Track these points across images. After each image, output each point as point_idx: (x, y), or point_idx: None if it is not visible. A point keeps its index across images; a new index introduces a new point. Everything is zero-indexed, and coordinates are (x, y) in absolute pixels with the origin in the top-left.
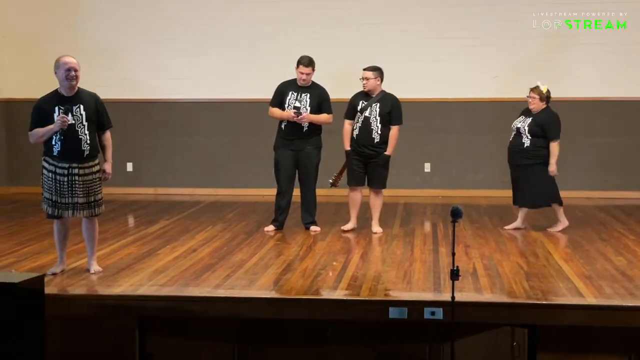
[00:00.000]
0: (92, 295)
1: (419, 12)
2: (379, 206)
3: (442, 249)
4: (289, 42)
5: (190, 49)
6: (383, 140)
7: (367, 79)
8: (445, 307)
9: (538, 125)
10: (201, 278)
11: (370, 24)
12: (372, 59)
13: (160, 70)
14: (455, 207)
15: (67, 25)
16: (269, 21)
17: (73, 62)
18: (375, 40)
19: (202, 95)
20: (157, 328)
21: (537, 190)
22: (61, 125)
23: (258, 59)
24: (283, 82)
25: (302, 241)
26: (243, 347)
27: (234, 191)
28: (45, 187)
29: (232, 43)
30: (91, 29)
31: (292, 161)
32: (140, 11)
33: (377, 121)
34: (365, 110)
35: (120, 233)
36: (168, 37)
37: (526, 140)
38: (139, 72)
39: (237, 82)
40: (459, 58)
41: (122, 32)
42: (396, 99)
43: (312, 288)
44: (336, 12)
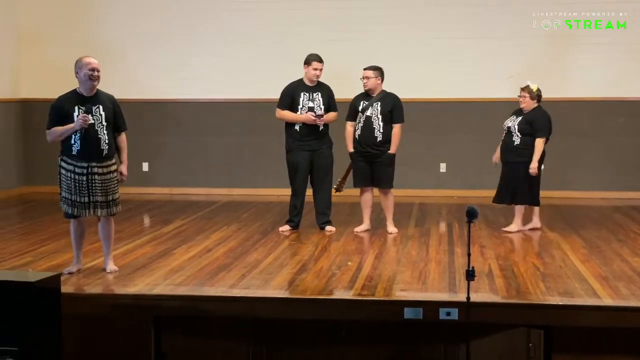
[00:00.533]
0: (108, 295)
1: (433, 12)
2: (391, 206)
3: (457, 250)
4: (303, 42)
5: (206, 49)
6: (386, 139)
7: (368, 77)
8: (460, 308)
9: (527, 123)
10: (216, 278)
11: (383, 24)
12: (385, 60)
13: (176, 71)
14: (470, 208)
15: (83, 25)
16: (283, 21)
17: (95, 63)
18: (388, 41)
19: (218, 95)
20: (172, 327)
21: (526, 187)
22: (82, 125)
23: (272, 59)
24: (290, 83)
25: (317, 241)
26: (258, 346)
27: (249, 191)
28: (63, 187)
29: (247, 43)
30: (106, 29)
31: (307, 162)
32: (154, 11)
33: (379, 120)
34: (367, 110)
35: (136, 233)
36: (184, 37)
37: (516, 139)
38: (155, 72)
39: (252, 81)
40: (474, 58)
41: (137, 32)
42: (397, 97)
43: (327, 288)
44: (350, 12)
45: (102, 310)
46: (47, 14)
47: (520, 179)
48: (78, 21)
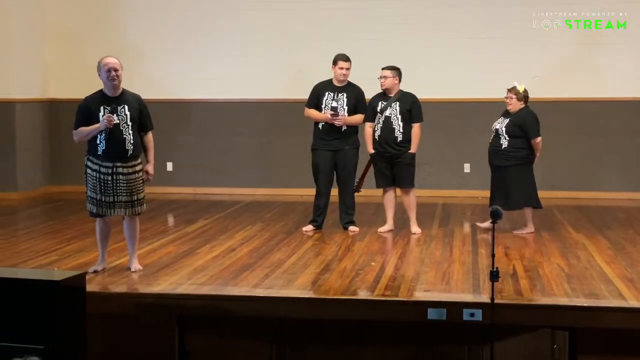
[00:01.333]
0: (132, 294)
1: (454, 13)
2: (413, 205)
3: (481, 250)
4: (327, 43)
5: (231, 49)
6: (406, 138)
7: (385, 77)
8: (484, 309)
9: (516, 125)
10: (240, 277)
11: (406, 25)
12: (408, 60)
13: (200, 71)
14: (495, 208)
15: (109, 26)
16: (307, 22)
17: (114, 63)
18: (411, 42)
19: (242, 95)
20: (195, 327)
21: (517, 191)
22: (107, 125)
23: (296, 59)
24: (319, 82)
25: (341, 241)
26: (281, 346)
27: (272, 191)
28: (89, 186)
29: (271, 43)
30: (132, 29)
31: (330, 162)
32: (179, 11)
33: (398, 120)
34: (386, 110)
35: (160, 232)
36: (209, 38)
37: (504, 142)
38: (180, 73)
39: (275, 82)
40: (498, 58)
41: (162, 32)
42: (415, 96)
43: (350, 288)
44: (374, 12)
45: (127, 309)
46: (75, 15)
47: (510, 183)
48: (104, 22)
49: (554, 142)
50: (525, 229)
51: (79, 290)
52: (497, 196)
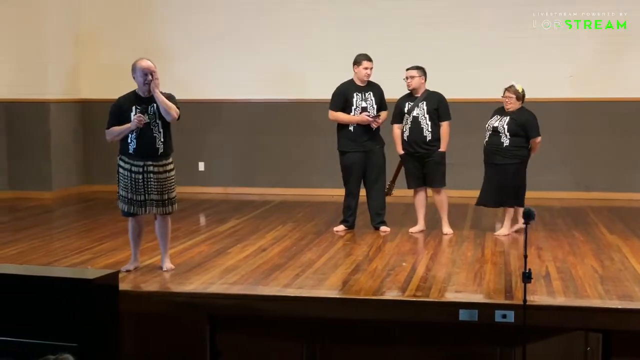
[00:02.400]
0: (164, 293)
1: (485, 13)
2: (445, 205)
3: (513, 252)
4: (356, 43)
5: (262, 49)
6: (435, 137)
7: (412, 77)
8: (516, 310)
9: (518, 125)
10: (271, 277)
11: (435, 24)
12: (438, 60)
13: (232, 71)
14: (527, 209)
15: (139, 27)
16: (337, 22)
17: (150, 66)
18: (441, 42)
19: (273, 95)
20: (227, 326)
21: (512, 189)
22: (138, 124)
23: (329, 59)
24: (341, 84)
25: (372, 242)
26: (311, 346)
27: (303, 191)
28: (121, 185)
29: (302, 43)
30: (162, 30)
31: (362, 163)
32: (209, 12)
33: (426, 119)
34: (413, 111)
35: (191, 231)
36: (240, 38)
37: (505, 140)
38: (211, 73)
39: (307, 82)
40: (532, 58)
41: (193, 33)
42: (441, 95)
43: (381, 289)
44: (403, 12)
45: (159, 308)
46: (105, 16)
47: (508, 181)
48: (135, 23)
49: (587, 143)
50: (516, 226)
51: (112, 288)
52: (489, 193)
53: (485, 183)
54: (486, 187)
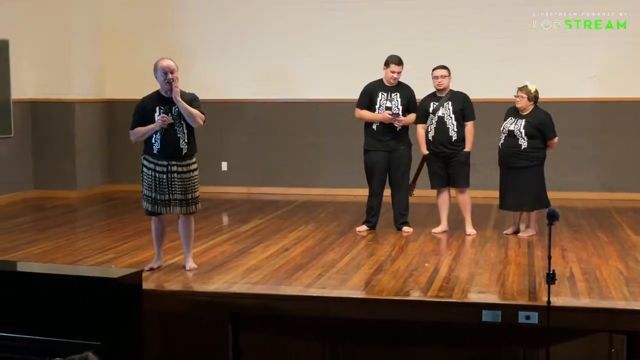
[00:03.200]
0: (187, 292)
1: (509, 12)
2: (468, 205)
3: (537, 252)
4: (379, 43)
5: (285, 49)
6: (460, 137)
7: (443, 76)
8: (540, 312)
9: (534, 127)
10: (293, 277)
11: (460, 24)
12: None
13: (254, 71)
14: (551, 210)
15: (163, 27)
16: (359, 23)
17: (170, 65)
18: (467, 41)
19: (295, 95)
20: (249, 325)
21: (534, 192)
22: (162, 125)
23: (350, 59)
24: (369, 83)
25: (394, 242)
26: (333, 346)
27: (326, 191)
28: (145, 185)
29: (326, 43)
30: (186, 30)
31: (385, 162)
32: (234, 12)
33: (451, 119)
34: (438, 111)
35: (214, 231)
36: (262, 38)
37: (523, 142)
38: (234, 73)
39: (329, 82)
40: (555, 58)
41: (216, 33)
42: (466, 95)
43: (403, 289)
44: (430, 11)
45: (182, 307)
46: (130, 16)
47: (529, 183)
48: (159, 23)
49: (612, 143)
50: (529, 231)
51: (136, 287)
52: (510, 196)
53: (504, 186)
54: (506, 191)
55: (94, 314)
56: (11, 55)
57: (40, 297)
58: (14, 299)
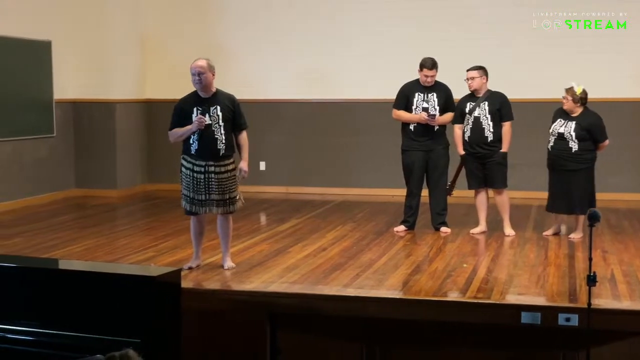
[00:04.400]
0: (225, 291)
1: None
2: (507, 206)
3: (578, 254)
4: (417, 43)
5: (322, 49)
6: (496, 138)
7: (473, 78)
8: (580, 314)
9: (584, 129)
10: (330, 277)
11: (498, 24)
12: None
13: (292, 71)
14: (593, 211)
15: (202, 28)
16: (397, 22)
17: (198, 66)
18: (504, 41)
19: (333, 95)
20: (287, 324)
21: (585, 195)
22: (199, 126)
23: (387, 59)
24: (406, 83)
25: (432, 242)
26: (371, 346)
27: (363, 191)
28: (183, 185)
29: (364, 43)
30: (225, 31)
31: (423, 162)
32: (272, 12)
33: (487, 120)
34: (474, 111)
35: (252, 230)
36: (301, 38)
37: (574, 145)
38: (272, 72)
39: (367, 82)
40: (596, 57)
41: (254, 34)
42: (504, 95)
43: (441, 290)
44: (466, 11)
45: (220, 306)
46: (170, 18)
47: (580, 186)
48: (198, 23)
49: None
50: (578, 233)
51: (175, 286)
52: (560, 199)
53: (553, 189)
54: (556, 193)
55: (133, 311)
56: (54, 56)
57: (82, 295)
58: (55, 297)
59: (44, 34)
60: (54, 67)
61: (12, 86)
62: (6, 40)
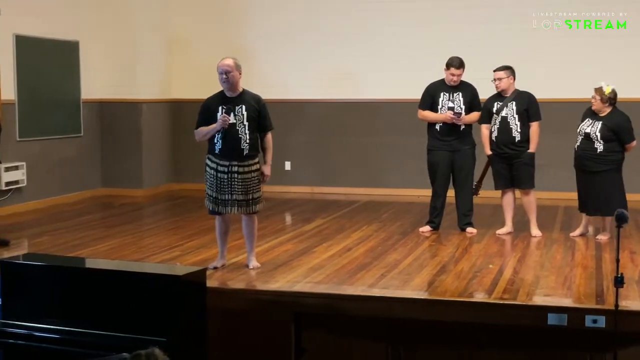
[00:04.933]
0: (250, 290)
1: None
2: (533, 207)
3: (605, 255)
4: (442, 43)
5: (347, 49)
6: (524, 138)
7: (500, 79)
8: (608, 316)
9: (610, 129)
10: (355, 277)
11: (525, 22)
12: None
13: (318, 71)
14: (620, 212)
15: (228, 28)
16: (421, 21)
17: (225, 65)
18: (534, 41)
19: (359, 95)
20: (312, 324)
21: (610, 197)
22: (222, 125)
23: (412, 59)
24: (431, 83)
25: (458, 243)
26: (395, 347)
27: (389, 191)
28: (207, 184)
29: (387, 43)
30: (250, 30)
31: (448, 162)
32: (298, 12)
33: (515, 120)
34: (502, 111)
35: (277, 230)
36: (325, 39)
37: (599, 146)
38: (297, 73)
39: (392, 82)
40: (623, 57)
41: (280, 33)
42: (532, 95)
43: (467, 290)
44: (492, 10)
45: (245, 305)
46: (195, 18)
47: (604, 188)
48: (223, 24)
49: None
50: (606, 234)
51: (200, 285)
52: (592, 202)
53: (580, 190)
54: (582, 194)
55: (159, 310)
56: (81, 56)
57: (108, 293)
58: (82, 295)
59: (71, 34)
60: (82, 67)
61: (41, 86)
62: (34, 41)
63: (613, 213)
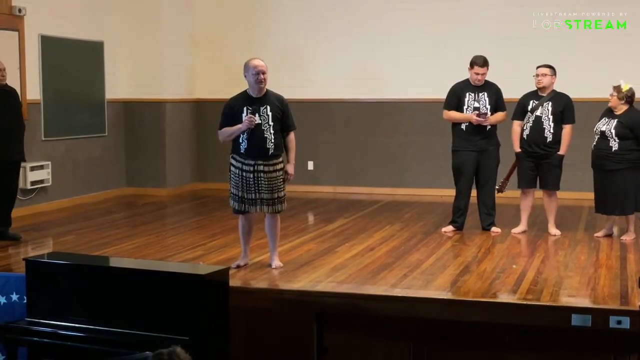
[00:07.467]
0: (273, 290)
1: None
2: (555, 209)
3: (630, 256)
4: (466, 42)
5: (373, 49)
6: (555, 139)
7: (544, 75)
8: (632, 317)
9: (625, 127)
10: (378, 277)
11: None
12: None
13: (342, 71)
14: None
15: (252, 28)
16: (447, 21)
17: (261, 65)
18: (559, 40)
19: (382, 95)
20: (334, 323)
21: (627, 196)
22: (248, 125)
23: (437, 59)
24: (456, 83)
25: (481, 243)
26: (418, 347)
27: (412, 191)
28: (232, 184)
29: (413, 43)
30: (274, 30)
31: (474, 162)
32: (321, 11)
33: (549, 120)
34: (537, 110)
35: (300, 230)
36: (351, 38)
37: (614, 144)
38: (320, 72)
39: (416, 82)
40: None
41: (303, 33)
42: (569, 97)
43: (490, 291)
44: (518, 10)
45: (267, 304)
46: (219, 18)
47: (620, 187)
48: (248, 24)
49: None
50: (630, 234)
51: (223, 284)
52: (609, 202)
53: (596, 189)
54: (599, 194)
55: (182, 309)
56: (106, 56)
57: (131, 292)
58: (105, 293)
59: (96, 35)
60: (106, 67)
61: (66, 86)
62: (60, 41)
63: (629, 212)
